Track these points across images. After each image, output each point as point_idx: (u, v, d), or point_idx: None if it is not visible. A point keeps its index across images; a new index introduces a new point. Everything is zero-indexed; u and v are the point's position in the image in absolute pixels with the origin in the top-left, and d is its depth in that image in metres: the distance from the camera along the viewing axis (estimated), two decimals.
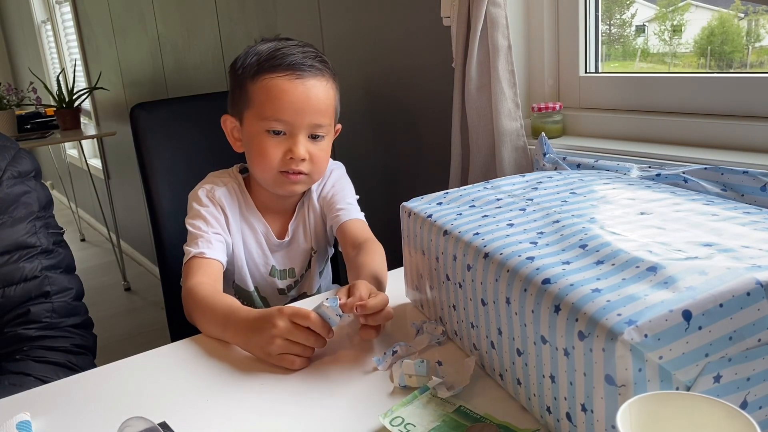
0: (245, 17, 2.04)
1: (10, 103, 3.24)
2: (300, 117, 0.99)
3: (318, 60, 1.01)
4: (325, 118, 1.01)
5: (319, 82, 1.00)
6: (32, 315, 0.97)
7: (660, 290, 0.50)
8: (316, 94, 1.00)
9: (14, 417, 0.67)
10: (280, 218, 1.12)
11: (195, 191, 1.08)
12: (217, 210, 1.05)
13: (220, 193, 1.06)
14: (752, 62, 1.06)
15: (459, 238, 0.71)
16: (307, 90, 0.99)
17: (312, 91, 0.99)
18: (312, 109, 0.99)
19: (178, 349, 0.84)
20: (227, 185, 1.08)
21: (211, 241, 1.01)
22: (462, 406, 0.64)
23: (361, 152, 1.64)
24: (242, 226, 1.09)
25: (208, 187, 1.07)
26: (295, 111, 0.98)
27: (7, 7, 5.30)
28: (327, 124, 1.02)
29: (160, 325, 2.29)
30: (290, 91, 0.98)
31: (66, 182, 4.71)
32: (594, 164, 0.98)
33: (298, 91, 0.98)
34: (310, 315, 0.75)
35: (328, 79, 1.02)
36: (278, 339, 0.75)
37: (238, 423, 0.66)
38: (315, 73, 1.00)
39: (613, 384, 0.48)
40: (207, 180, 1.10)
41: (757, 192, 0.78)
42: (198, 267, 0.98)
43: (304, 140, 1.00)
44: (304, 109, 0.99)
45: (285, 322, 0.75)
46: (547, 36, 1.23)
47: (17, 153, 1.03)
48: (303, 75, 0.99)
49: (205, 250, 0.99)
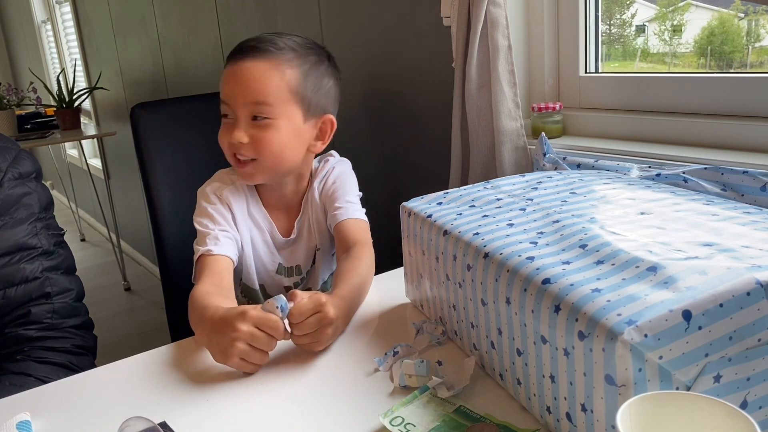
0: (245, 17, 2.04)
1: (10, 103, 3.24)
2: (234, 97, 0.99)
3: (268, 42, 1.00)
4: (261, 98, 0.98)
5: (256, 62, 0.98)
6: (33, 316, 0.97)
7: (660, 290, 0.50)
8: (251, 73, 0.98)
9: (14, 417, 0.67)
10: (286, 215, 1.12)
11: (203, 189, 1.08)
12: (224, 208, 1.05)
13: (228, 191, 1.06)
14: (752, 62, 1.06)
15: (459, 238, 0.71)
16: (242, 71, 0.98)
17: (246, 72, 0.98)
18: (245, 89, 0.98)
19: (178, 349, 0.84)
20: (235, 183, 1.08)
21: (218, 238, 1.01)
22: (462, 406, 0.64)
23: (361, 152, 1.64)
24: (250, 224, 1.09)
25: (216, 185, 1.07)
26: (231, 92, 0.99)
27: (7, 7, 5.30)
28: (269, 105, 0.99)
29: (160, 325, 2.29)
30: (229, 73, 1.00)
31: (66, 182, 4.71)
32: (594, 164, 0.98)
33: (234, 72, 0.99)
34: (279, 325, 0.75)
35: (273, 59, 0.99)
36: (239, 343, 0.74)
37: (238, 423, 0.66)
38: (252, 53, 0.99)
39: (613, 384, 0.48)
40: (215, 177, 1.10)
41: (757, 192, 0.78)
42: (205, 266, 0.97)
43: (245, 123, 0.99)
44: (236, 90, 0.99)
45: (248, 327, 0.74)
46: (547, 36, 1.23)
47: (18, 154, 1.04)
48: (242, 57, 0.99)
49: (213, 248, 0.99)
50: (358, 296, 0.91)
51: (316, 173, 1.12)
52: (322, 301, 0.77)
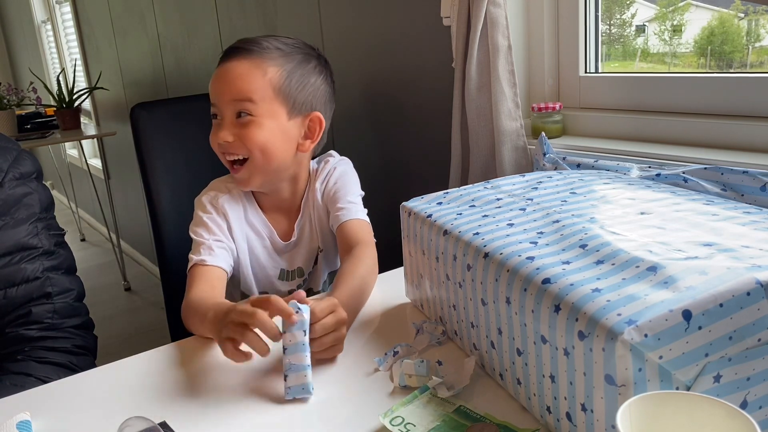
0: (245, 17, 2.04)
1: (10, 103, 3.24)
2: (219, 96, 1.01)
3: (252, 43, 1.02)
4: (242, 95, 0.99)
5: (239, 62, 1.01)
6: (34, 316, 0.97)
7: (660, 290, 0.50)
8: (234, 72, 1.00)
9: (14, 417, 0.67)
10: (286, 219, 1.12)
11: (199, 198, 1.08)
12: (219, 217, 1.05)
13: (224, 199, 1.06)
14: (752, 62, 1.06)
15: (459, 238, 0.71)
16: (226, 70, 1.01)
17: (231, 71, 1.00)
18: (228, 88, 1.00)
19: (178, 349, 0.84)
20: (231, 191, 1.08)
21: (212, 248, 1.00)
22: (462, 406, 0.64)
23: (361, 152, 1.64)
24: (247, 231, 1.08)
25: (212, 194, 1.07)
26: (215, 91, 1.02)
27: (7, 7, 5.30)
28: (251, 102, 0.99)
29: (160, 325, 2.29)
30: (215, 74, 1.02)
31: (66, 182, 4.71)
32: (594, 164, 0.98)
33: (219, 72, 1.02)
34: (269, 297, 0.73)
35: (256, 58, 1.01)
36: (233, 322, 0.73)
37: (237, 423, 0.66)
38: (236, 54, 1.01)
39: (613, 384, 0.48)
40: (211, 186, 1.10)
41: (757, 192, 0.78)
42: (198, 276, 0.97)
43: (229, 122, 1.01)
44: (220, 89, 1.01)
45: (247, 305, 0.73)
46: (547, 36, 1.23)
47: (19, 154, 1.04)
48: (226, 58, 1.02)
49: (206, 258, 0.99)
50: (360, 297, 0.91)
51: (317, 174, 1.11)
52: (335, 302, 0.78)
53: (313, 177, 1.12)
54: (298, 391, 0.69)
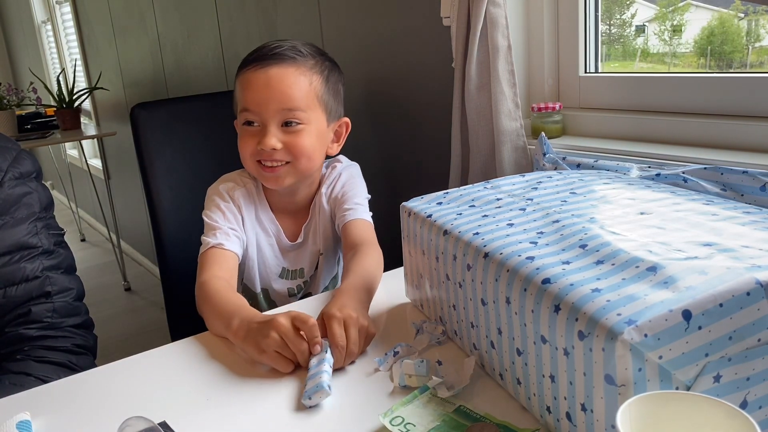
0: (245, 17, 2.04)
1: (10, 103, 3.25)
2: (264, 105, 1.00)
3: (291, 50, 1.01)
4: (294, 104, 1.00)
5: (285, 69, 1.00)
6: (33, 315, 0.97)
7: (660, 290, 0.50)
8: (280, 80, 0.99)
9: (14, 417, 0.67)
10: (294, 220, 1.13)
11: (215, 186, 1.09)
12: (235, 208, 1.06)
13: (239, 193, 1.08)
14: (752, 62, 1.06)
15: (459, 238, 0.71)
16: (269, 78, 0.99)
17: (274, 79, 0.99)
18: (275, 97, 0.99)
19: (178, 349, 0.84)
20: (246, 186, 1.09)
21: (228, 234, 1.02)
22: (462, 406, 0.64)
23: (361, 152, 1.64)
24: (256, 227, 1.10)
25: (230, 185, 1.08)
26: (259, 100, 1.00)
27: (7, 7, 5.30)
28: (301, 110, 1.00)
29: (160, 325, 2.29)
30: (253, 80, 1.00)
31: (66, 182, 4.71)
32: (594, 164, 0.98)
33: (260, 80, 1.00)
34: (309, 320, 0.74)
35: (300, 66, 1.01)
36: (275, 336, 0.74)
37: (237, 423, 0.66)
38: (279, 60, 1.00)
39: (613, 384, 0.48)
40: (228, 177, 1.11)
41: (756, 192, 0.78)
42: (215, 259, 0.98)
43: (276, 129, 1.00)
44: (267, 96, 0.99)
45: (287, 321, 0.75)
46: (547, 36, 1.23)
47: (19, 154, 1.04)
48: (266, 64, 1.00)
49: (224, 242, 1.00)
50: (372, 283, 0.91)
51: (324, 179, 1.13)
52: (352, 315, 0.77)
53: (322, 181, 1.13)
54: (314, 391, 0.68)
